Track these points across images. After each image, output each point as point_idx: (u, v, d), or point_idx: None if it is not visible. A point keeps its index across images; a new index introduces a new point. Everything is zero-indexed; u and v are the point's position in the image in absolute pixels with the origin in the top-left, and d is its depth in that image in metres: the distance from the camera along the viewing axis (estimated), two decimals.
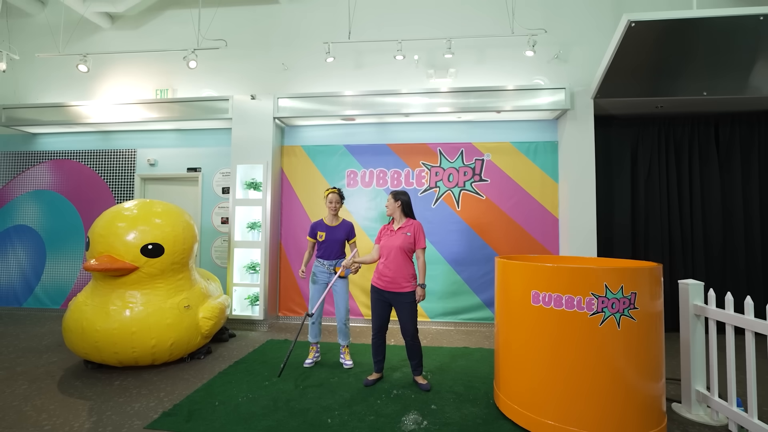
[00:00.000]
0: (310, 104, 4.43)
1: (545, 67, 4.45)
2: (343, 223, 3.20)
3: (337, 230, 3.15)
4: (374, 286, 2.74)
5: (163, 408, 2.40)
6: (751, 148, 4.28)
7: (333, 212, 3.14)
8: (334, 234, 3.13)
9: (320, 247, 3.13)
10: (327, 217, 3.18)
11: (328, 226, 3.15)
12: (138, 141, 5.06)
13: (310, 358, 3.13)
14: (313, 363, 3.12)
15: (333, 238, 3.11)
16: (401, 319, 2.67)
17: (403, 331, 2.69)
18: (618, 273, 1.95)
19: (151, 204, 3.21)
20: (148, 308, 2.92)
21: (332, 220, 3.17)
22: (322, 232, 3.13)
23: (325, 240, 3.11)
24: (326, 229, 3.14)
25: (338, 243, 3.12)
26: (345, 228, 3.19)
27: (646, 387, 1.95)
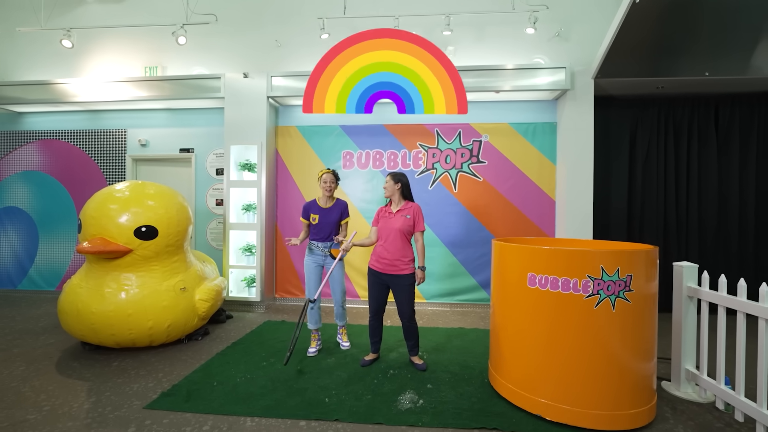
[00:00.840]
0: (304, 83, 4.29)
1: (546, 45, 4.34)
2: (336, 203, 3.08)
3: (331, 212, 3.04)
4: (372, 269, 2.73)
5: (162, 388, 2.42)
6: (750, 131, 4.25)
7: (328, 193, 3.02)
8: (328, 216, 3.03)
9: (313, 230, 3.04)
10: (321, 199, 3.06)
11: (322, 207, 3.04)
12: (128, 120, 4.93)
13: (314, 347, 3.04)
14: (316, 352, 3.02)
15: (327, 221, 3.01)
16: (399, 301, 2.68)
17: (400, 313, 2.71)
18: (614, 256, 1.95)
19: (143, 185, 3.15)
20: (144, 291, 2.91)
21: (326, 201, 3.06)
22: (315, 214, 3.02)
23: (318, 223, 3.01)
24: (320, 211, 3.03)
25: (332, 225, 3.03)
26: (339, 208, 3.07)
27: (638, 367, 1.99)
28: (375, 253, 2.73)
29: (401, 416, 2.12)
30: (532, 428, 2.00)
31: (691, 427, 2.04)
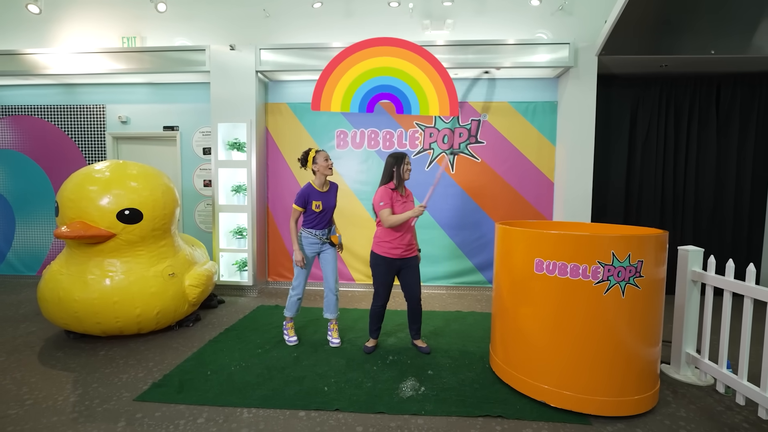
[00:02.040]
0: (295, 57, 4.07)
1: (548, 20, 4.16)
2: (332, 186, 2.85)
3: (330, 196, 2.81)
4: (386, 257, 2.57)
5: (153, 379, 2.32)
6: (750, 112, 4.20)
7: (330, 172, 2.76)
8: (329, 201, 2.78)
9: (313, 218, 2.75)
10: (317, 182, 2.76)
11: (322, 192, 2.76)
12: (106, 95, 4.63)
13: (294, 336, 2.90)
14: (297, 340, 2.89)
15: (328, 206, 2.77)
16: (410, 283, 2.63)
17: (410, 296, 2.66)
18: (626, 241, 1.88)
19: (125, 165, 2.95)
20: (130, 277, 2.77)
21: (323, 185, 2.78)
22: (318, 201, 2.72)
23: (322, 210, 2.73)
24: (321, 196, 2.74)
25: (333, 210, 2.82)
26: (335, 190, 2.85)
27: (645, 353, 1.96)
28: (392, 240, 2.55)
29: (403, 405, 2.07)
30: (536, 415, 1.97)
31: (693, 410, 2.04)
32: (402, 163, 2.59)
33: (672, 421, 1.95)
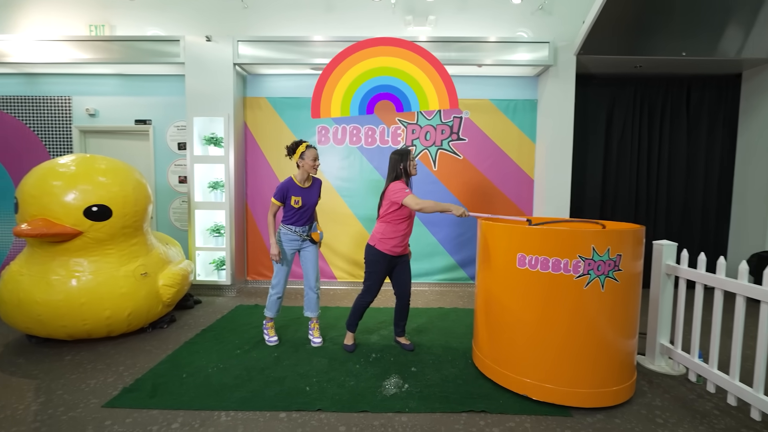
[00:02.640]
0: (275, 50, 3.97)
1: (529, 19, 4.20)
2: (315, 182, 2.76)
3: (312, 192, 2.72)
4: (389, 255, 2.52)
5: (124, 383, 2.21)
6: (717, 112, 4.38)
7: (314, 172, 2.68)
8: (310, 197, 2.70)
9: (293, 214, 2.67)
10: (298, 177, 2.67)
11: (303, 188, 2.67)
12: (72, 87, 4.38)
13: (274, 336, 2.82)
14: (278, 340, 2.82)
15: (309, 202, 2.69)
16: (404, 280, 2.63)
17: (402, 292, 2.66)
18: (605, 235, 1.91)
19: (92, 160, 2.79)
20: (99, 277, 2.62)
21: (305, 181, 2.70)
22: (298, 197, 2.63)
23: (302, 206, 2.65)
24: (301, 192, 2.65)
25: (314, 206, 2.74)
26: (317, 187, 2.77)
27: (623, 345, 2.00)
28: (395, 239, 2.50)
29: (387, 402, 2.04)
30: (519, 409, 1.98)
31: (667, 399, 2.10)
32: (408, 159, 2.52)
33: (648, 410, 2.00)
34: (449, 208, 2.29)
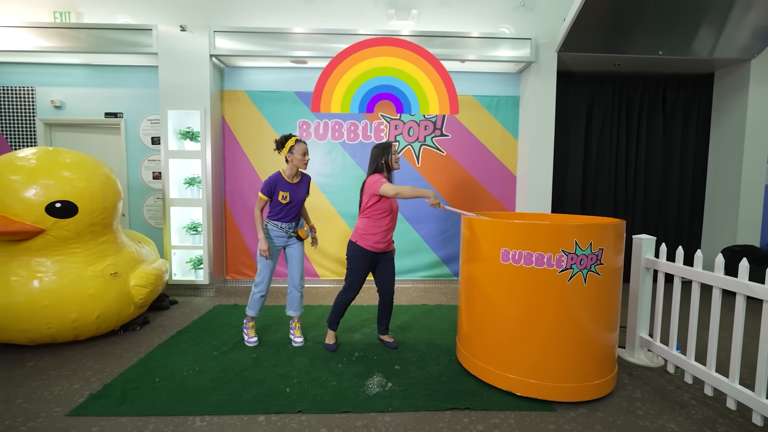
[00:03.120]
0: (253, 42, 3.84)
1: (511, 15, 4.21)
2: (303, 179, 2.69)
3: (300, 187, 2.65)
4: (370, 251, 2.46)
5: (91, 390, 2.08)
6: (691, 111, 4.51)
7: (304, 167, 2.61)
8: (299, 193, 2.63)
9: (280, 210, 2.59)
10: (287, 172, 2.59)
11: (291, 183, 2.60)
12: (36, 77, 4.14)
13: (254, 336, 2.73)
14: (258, 341, 2.72)
15: (297, 198, 2.62)
16: (387, 277, 2.56)
17: (385, 290, 2.58)
18: (587, 229, 1.91)
19: (56, 153, 2.62)
20: (64, 277, 2.47)
21: (294, 176, 2.62)
22: (286, 192, 2.56)
23: (290, 202, 2.58)
24: (290, 187, 2.58)
25: (302, 203, 2.67)
26: (306, 182, 2.70)
27: (605, 338, 2.01)
28: (377, 235, 2.43)
29: (370, 402, 1.99)
30: (503, 405, 1.96)
31: (647, 391, 2.13)
32: (389, 153, 2.47)
33: (629, 402, 2.01)
34: (426, 194, 2.25)
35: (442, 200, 2.27)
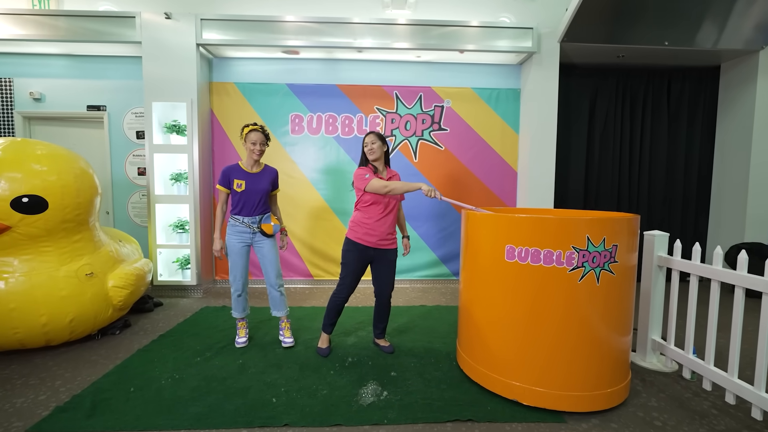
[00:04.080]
0: (243, 30, 3.66)
1: (511, 4, 4.05)
2: (266, 170, 2.54)
3: (260, 178, 2.49)
4: (359, 243, 2.30)
5: (58, 401, 1.90)
6: (697, 104, 4.37)
7: (257, 156, 2.45)
8: (257, 183, 2.46)
9: (237, 201, 2.46)
10: (246, 161, 2.49)
11: (248, 172, 2.47)
12: (13, 68, 3.94)
13: (243, 337, 2.60)
14: (247, 341, 2.61)
15: (255, 188, 2.45)
16: (383, 278, 2.39)
17: (381, 291, 2.42)
18: (600, 224, 1.75)
19: (26, 144, 2.43)
20: (33, 278, 2.29)
21: (252, 166, 2.50)
22: (241, 180, 2.43)
23: (245, 190, 2.43)
24: (246, 176, 2.45)
25: (261, 194, 2.47)
26: (269, 175, 2.53)
27: (618, 343, 1.85)
28: (366, 226, 2.29)
29: (363, 413, 1.82)
30: (509, 416, 1.80)
31: (663, 399, 1.97)
32: (362, 146, 2.38)
33: (645, 412, 1.86)
34: (417, 186, 2.13)
35: (436, 189, 2.13)
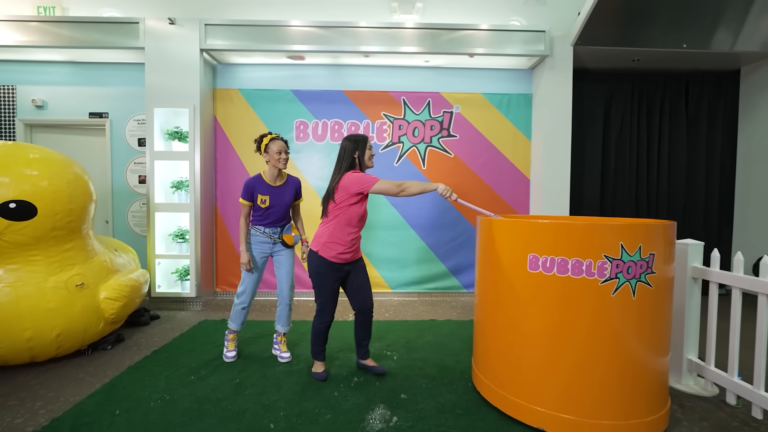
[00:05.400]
0: (247, 36, 3.59)
1: (522, 9, 3.95)
2: (289, 181, 2.42)
3: (284, 191, 2.37)
4: (334, 263, 2.07)
5: (35, 425, 1.73)
6: (717, 109, 4.19)
7: (284, 166, 2.32)
8: (281, 197, 2.35)
9: (260, 215, 2.36)
10: (268, 174, 2.36)
11: (272, 186, 2.35)
12: (17, 75, 3.90)
13: (233, 350, 2.45)
14: (236, 356, 2.45)
15: (280, 203, 2.35)
16: (364, 290, 2.17)
17: (362, 306, 2.18)
18: (635, 230, 1.58)
19: (18, 148, 2.33)
20: (19, 289, 2.15)
21: (276, 178, 2.37)
22: (265, 195, 2.31)
23: (269, 206, 2.32)
24: (270, 190, 2.33)
25: (286, 208, 2.38)
26: (293, 186, 2.42)
27: (657, 364, 1.65)
28: (341, 242, 2.05)
29: None
30: None
31: (706, 428, 1.75)
32: (365, 148, 2.13)
33: None
34: (434, 187, 1.94)
35: (452, 191, 1.95)
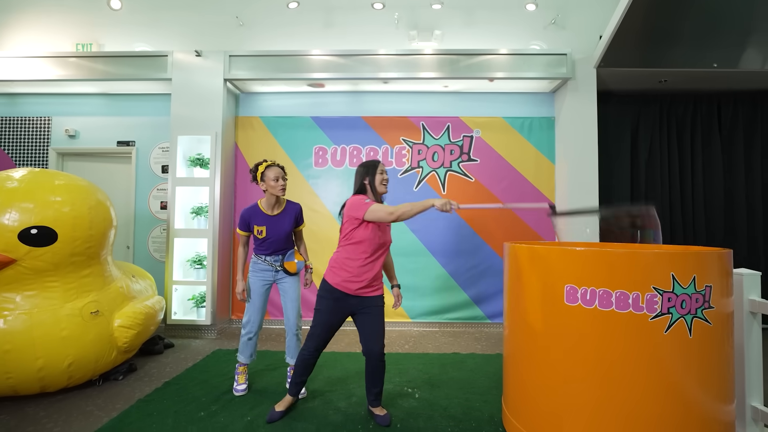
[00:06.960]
0: (269, 66, 3.68)
1: (541, 33, 3.94)
2: (288, 209, 2.32)
3: (282, 220, 2.28)
4: (338, 290, 1.95)
5: None
6: (754, 130, 3.98)
7: (281, 192, 2.24)
8: (279, 226, 2.26)
9: (260, 242, 2.30)
10: (265, 202, 2.27)
11: (269, 215, 2.27)
12: (54, 107, 4.10)
13: (243, 383, 2.34)
14: (246, 389, 2.34)
15: (277, 233, 2.26)
16: (369, 332, 1.96)
17: (369, 350, 1.96)
18: (686, 259, 1.42)
19: (45, 175, 2.37)
20: (34, 317, 2.12)
21: (273, 206, 2.29)
22: (261, 226, 2.24)
23: (266, 237, 2.25)
24: (266, 220, 2.25)
25: (285, 236, 2.29)
26: (292, 213, 2.32)
27: (720, 412, 1.44)
28: (348, 271, 1.93)
29: None
30: None
31: None
32: (375, 173, 2.06)
33: None
34: (429, 204, 1.81)
35: (450, 201, 1.82)
